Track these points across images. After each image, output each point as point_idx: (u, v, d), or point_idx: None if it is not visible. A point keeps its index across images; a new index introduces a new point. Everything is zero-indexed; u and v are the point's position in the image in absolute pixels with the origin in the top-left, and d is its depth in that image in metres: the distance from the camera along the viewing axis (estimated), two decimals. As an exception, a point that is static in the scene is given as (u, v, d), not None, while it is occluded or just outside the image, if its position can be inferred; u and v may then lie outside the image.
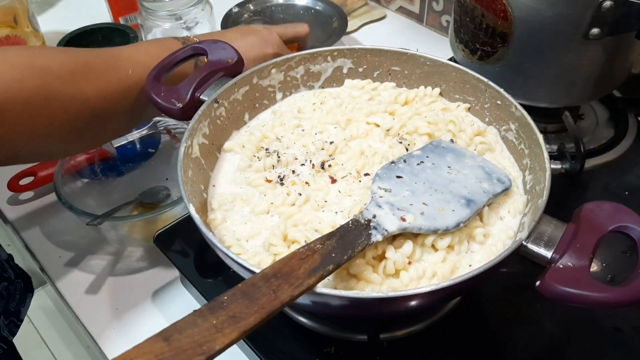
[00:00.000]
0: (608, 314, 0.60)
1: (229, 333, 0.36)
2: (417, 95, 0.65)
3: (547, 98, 0.72)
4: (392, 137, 0.60)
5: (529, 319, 0.60)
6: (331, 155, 0.59)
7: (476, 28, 0.71)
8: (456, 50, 0.78)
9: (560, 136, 0.79)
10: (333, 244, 0.44)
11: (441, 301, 0.56)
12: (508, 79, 0.70)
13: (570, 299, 0.44)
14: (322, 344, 0.57)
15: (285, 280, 0.40)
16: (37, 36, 0.95)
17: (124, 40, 0.89)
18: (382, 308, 0.45)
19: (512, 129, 0.59)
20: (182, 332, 0.35)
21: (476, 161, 0.56)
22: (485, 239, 0.51)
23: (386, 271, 0.48)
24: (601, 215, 0.48)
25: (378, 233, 0.47)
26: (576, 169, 0.72)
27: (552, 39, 0.66)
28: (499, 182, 0.54)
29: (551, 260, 0.46)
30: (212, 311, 0.36)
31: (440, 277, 0.48)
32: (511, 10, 0.66)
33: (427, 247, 0.49)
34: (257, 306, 0.38)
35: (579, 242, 0.46)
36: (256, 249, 0.51)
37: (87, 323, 0.65)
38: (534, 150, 0.56)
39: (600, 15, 0.62)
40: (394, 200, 0.50)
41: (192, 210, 0.48)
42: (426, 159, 0.55)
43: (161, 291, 0.68)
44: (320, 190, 0.55)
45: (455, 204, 0.51)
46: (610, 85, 0.74)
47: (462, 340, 0.58)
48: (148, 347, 0.33)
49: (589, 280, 0.44)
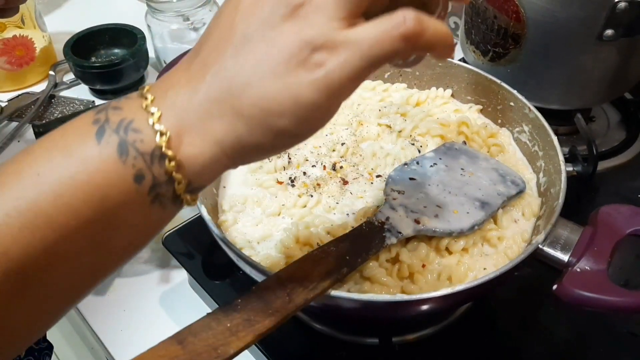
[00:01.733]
0: (623, 318, 0.59)
1: (244, 336, 0.35)
2: (429, 96, 0.64)
3: (559, 100, 0.71)
4: (403, 138, 0.60)
5: (541, 324, 0.59)
6: (342, 156, 0.58)
7: (488, 29, 0.71)
8: (467, 52, 0.77)
9: (572, 139, 0.78)
10: (347, 246, 0.43)
11: (456, 305, 0.55)
12: (520, 81, 0.69)
13: (588, 303, 0.43)
14: (333, 348, 0.56)
15: (299, 283, 0.39)
16: (44, 36, 0.94)
17: (131, 40, 0.88)
18: (395, 312, 0.45)
19: (526, 130, 0.59)
20: (196, 335, 0.34)
21: (490, 163, 0.55)
22: (500, 241, 0.51)
23: (400, 274, 0.47)
24: (618, 218, 0.47)
25: (392, 235, 0.46)
26: (588, 171, 0.71)
27: (565, 41, 0.66)
28: (514, 184, 0.53)
29: (568, 264, 0.45)
30: (226, 314, 0.36)
31: (455, 280, 0.47)
32: (524, 11, 0.66)
33: (442, 250, 0.49)
34: (271, 309, 0.37)
35: (596, 245, 0.46)
36: (268, 251, 0.50)
37: (94, 325, 0.65)
38: (548, 153, 0.55)
39: (614, 17, 0.61)
40: (408, 202, 0.49)
41: (203, 212, 0.48)
42: (439, 160, 0.55)
43: (169, 293, 0.67)
44: (331, 192, 0.54)
45: (470, 207, 0.50)
46: (623, 88, 0.73)
47: (473, 344, 0.57)
48: (163, 350, 0.33)
49: (607, 284, 0.43)
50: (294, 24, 0.29)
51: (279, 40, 0.29)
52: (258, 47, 0.29)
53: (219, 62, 0.30)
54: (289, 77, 0.29)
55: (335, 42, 0.29)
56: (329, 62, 0.29)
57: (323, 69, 0.29)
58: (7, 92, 0.92)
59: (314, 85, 0.29)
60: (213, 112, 0.30)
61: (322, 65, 0.29)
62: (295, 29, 0.29)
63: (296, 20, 0.29)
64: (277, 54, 0.29)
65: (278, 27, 0.29)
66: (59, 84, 0.93)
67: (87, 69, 0.85)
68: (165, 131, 0.30)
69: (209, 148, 0.30)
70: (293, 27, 0.29)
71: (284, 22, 0.29)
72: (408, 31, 0.29)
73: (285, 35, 0.29)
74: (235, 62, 0.30)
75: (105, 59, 0.91)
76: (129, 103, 0.31)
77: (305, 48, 0.29)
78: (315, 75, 0.29)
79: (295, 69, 0.29)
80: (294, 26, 0.29)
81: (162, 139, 0.30)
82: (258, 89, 0.29)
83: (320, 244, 0.48)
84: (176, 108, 0.30)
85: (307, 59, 0.29)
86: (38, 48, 0.93)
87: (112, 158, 0.30)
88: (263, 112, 0.29)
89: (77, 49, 0.87)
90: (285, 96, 0.29)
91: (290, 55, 0.29)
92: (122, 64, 0.85)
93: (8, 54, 0.90)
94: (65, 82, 0.94)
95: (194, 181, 0.31)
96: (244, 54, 0.30)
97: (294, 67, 0.29)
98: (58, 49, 0.96)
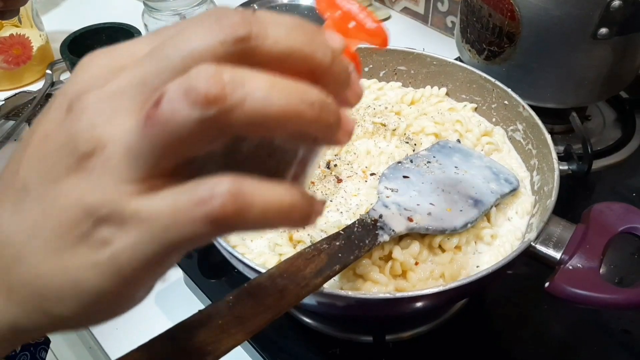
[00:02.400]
0: (616, 316, 0.59)
1: (235, 333, 0.35)
2: (424, 95, 0.64)
3: (554, 98, 0.71)
4: (398, 137, 0.60)
5: (535, 321, 0.59)
6: (337, 154, 0.58)
7: (483, 28, 0.71)
8: (462, 50, 0.77)
9: (567, 137, 0.78)
10: (339, 244, 0.43)
11: (449, 302, 0.55)
12: (515, 79, 0.69)
13: (580, 300, 0.43)
14: (327, 345, 0.57)
15: (291, 280, 0.39)
16: (41, 35, 0.95)
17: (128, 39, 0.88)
18: (388, 309, 0.45)
19: (520, 129, 0.59)
20: (187, 332, 0.34)
21: (483, 161, 0.55)
22: (493, 239, 0.51)
23: (393, 272, 0.47)
24: (611, 216, 0.47)
25: (385, 233, 0.46)
26: (583, 170, 0.72)
27: (559, 39, 0.66)
28: (507, 182, 0.53)
29: (560, 261, 0.45)
30: (217, 311, 0.36)
31: (448, 278, 0.47)
32: (518, 9, 0.66)
33: (434, 248, 0.49)
34: (263, 306, 0.37)
35: (588, 243, 0.46)
36: (261, 249, 0.50)
37: (90, 323, 0.65)
38: (541, 151, 0.55)
39: (609, 15, 0.62)
40: (401, 200, 0.49)
41: (197, 210, 0.48)
42: (433, 159, 0.55)
43: (165, 291, 0.67)
44: (325, 190, 0.54)
45: (463, 204, 0.50)
46: (618, 86, 0.73)
47: (468, 342, 0.58)
48: (153, 347, 0.33)
49: (599, 281, 0.43)
50: (77, 181, 0.22)
51: (58, 203, 0.22)
52: (35, 208, 0.22)
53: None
54: (67, 255, 0.22)
55: (122, 216, 0.21)
56: (116, 241, 0.21)
57: (108, 249, 0.22)
58: (4, 90, 0.93)
59: (98, 268, 0.22)
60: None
61: (107, 244, 0.22)
62: (78, 190, 0.22)
63: (80, 176, 0.22)
64: (54, 222, 0.22)
65: (60, 182, 0.22)
66: (55, 82, 0.93)
67: (83, 68, 0.85)
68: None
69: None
70: (75, 186, 0.22)
71: (67, 176, 0.22)
72: (215, 212, 0.20)
73: (65, 197, 0.22)
74: (10, 223, 0.23)
75: (102, 58, 0.91)
76: None
77: (87, 218, 0.22)
78: (99, 256, 0.22)
79: (74, 244, 0.22)
80: (76, 185, 0.22)
81: None
82: (30, 266, 0.22)
83: (313, 241, 0.48)
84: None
85: (90, 233, 0.22)
86: (35, 47, 0.93)
87: None
88: (37, 295, 0.23)
89: (74, 48, 0.87)
90: (62, 279, 0.22)
91: (69, 225, 0.22)
92: (119, 63, 0.85)
93: (5, 53, 0.90)
94: (62, 81, 0.94)
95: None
96: (20, 213, 0.23)
97: (73, 241, 0.22)
98: (55, 48, 0.96)
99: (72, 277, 0.22)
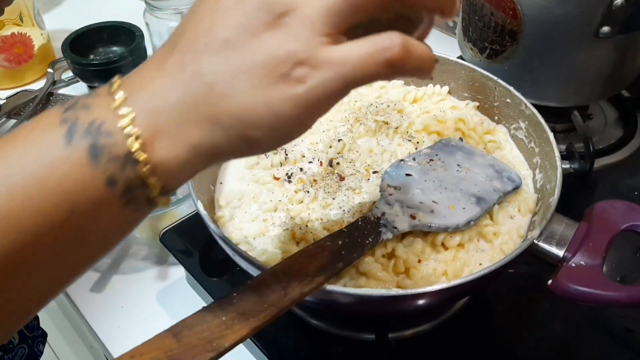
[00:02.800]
0: (618, 314, 0.59)
1: (239, 330, 0.35)
2: (426, 93, 0.64)
3: (556, 97, 0.71)
4: (400, 135, 0.60)
5: (537, 320, 0.59)
6: (339, 153, 0.58)
7: (485, 26, 0.71)
8: (464, 49, 0.77)
9: (569, 136, 0.78)
10: (342, 241, 0.43)
11: (451, 300, 0.55)
12: (516, 78, 0.69)
13: (582, 298, 0.43)
14: (329, 343, 0.57)
15: (295, 277, 0.39)
16: (43, 34, 0.95)
17: (130, 38, 0.88)
18: (391, 306, 0.45)
19: (522, 127, 0.59)
20: (191, 329, 0.34)
21: (486, 159, 0.55)
22: (496, 237, 0.51)
23: (396, 269, 0.47)
24: (613, 214, 0.47)
25: (388, 231, 0.46)
26: (585, 168, 0.72)
27: (561, 38, 0.66)
28: (510, 180, 0.53)
29: (563, 259, 0.45)
30: (221, 308, 0.36)
31: (451, 275, 0.47)
32: (520, 8, 0.66)
33: (437, 246, 0.49)
34: (266, 303, 0.37)
35: (591, 240, 0.46)
36: (264, 247, 0.50)
37: (92, 322, 0.65)
38: (544, 149, 0.55)
39: (611, 14, 0.62)
40: (404, 198, 0.49)
41: (200, 207, 0.48)
42: (435, 157, 0.55)
43: (167, 290, 0.67)
44: (328, 188, 0.54)
45: (466, 202, 0.50)
46: (620, 85, 0.73)
47: (470, 340, 0.58)
48: (157, 343, 0.33)
49: (601, 279, 0.44)
50: (277, 33, 0.28)
51: (261, 50, 0.28)
52: (238, 55, 0.28)
53: (196, 64, 0.29)
54: (269, 91, 0.28)
55: (318, 59, 0.28)
56: (311, 79, 0.28)
57: (304, 85, 0.28)
58: (6, 89, 0.93)
59: (294, 101, 0.28)
60: (189, 117, 0.29)
61: (303, 82, 0.28)
62: (278, 40, 0.28)
63: (280, 30, 0.28)
64: (258, 65, 0.28)
65: (260, 35, 0.28)
66: (57, 81, 0.93)
67: (85, 67, 0.85)
68: (139, 134, 0.28)
69: (184, 152, 0.29)
70: (276, 37, 0.28)
71: (266, 30, 0.28)
72: (394, 57, 0.28)
73: (267, 45, 0.28)
74: (213, 68, 0.28)
75: (104, 56, 0.91)
76: (99, 101, 0.29)
77: (287, 61, 0.28)
78: (296, 90, 0.28)
79: (275, 82, 0.28)
80: (276, 36, 0.28)
81: (136, 143, 0.28)
82: (237, 99, 0.28)
83: (316, 239, 0.48)
84: (150, 109, 0.29)
85: (289, 73, 0.28)
86: (36, 46, 0.93)
87: (82, 162, 0.28)
88: (241, 123, 0.29)
89: (75, 47, 0.87)
90: (264, 109, 0.28)
91: (271, 67, 0.28)
92: (121, 61, 0.85)
93: (6, 52, 0.90)
94: (64, 79, 0.94)
95: (167, 184, 0.30)
96: (223, 60, 0.28)
97: (274, 80, 0.28)
98: (56, 47, 0.96)
99: (271, 108, 0.28)
